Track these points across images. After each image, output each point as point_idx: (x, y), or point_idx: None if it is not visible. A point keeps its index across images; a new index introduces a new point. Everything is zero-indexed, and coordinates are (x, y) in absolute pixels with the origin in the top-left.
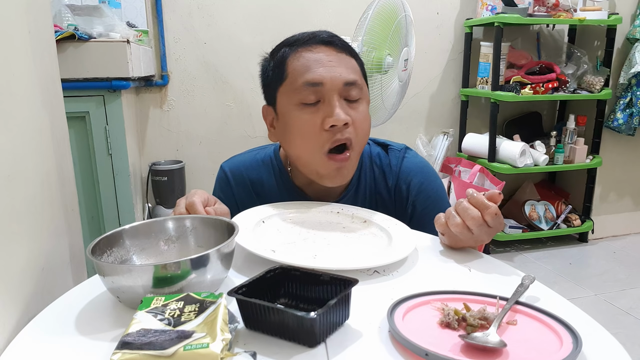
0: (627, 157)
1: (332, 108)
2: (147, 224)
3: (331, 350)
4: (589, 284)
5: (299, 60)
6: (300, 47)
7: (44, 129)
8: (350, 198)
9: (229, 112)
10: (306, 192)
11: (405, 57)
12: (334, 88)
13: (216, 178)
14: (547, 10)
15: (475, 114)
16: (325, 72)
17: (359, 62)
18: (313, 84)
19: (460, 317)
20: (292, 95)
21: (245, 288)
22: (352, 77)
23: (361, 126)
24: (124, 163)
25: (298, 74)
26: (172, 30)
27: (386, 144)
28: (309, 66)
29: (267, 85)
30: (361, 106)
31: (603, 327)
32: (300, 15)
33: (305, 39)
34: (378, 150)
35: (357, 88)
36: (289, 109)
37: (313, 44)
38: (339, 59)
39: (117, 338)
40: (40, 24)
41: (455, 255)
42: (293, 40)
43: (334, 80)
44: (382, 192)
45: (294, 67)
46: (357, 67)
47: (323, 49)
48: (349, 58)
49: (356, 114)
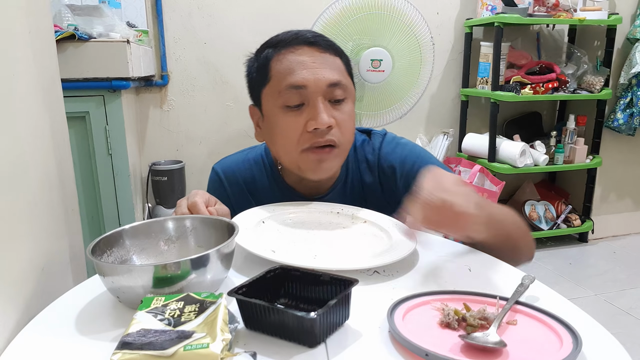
0: (627, 157)
1: (316, 111)
2: (147, 224)
3: (331, 350)
4: (589, 284)
5: (282, 62)
6: (284, 48)
7: (44, 129)
8: (339, 191)
9: (229, 112)
10: (297, 189)
11: (378, 58)
12: (317, 90)
13: (209, 180)
14: (547, 10)
15: (475, 114)
16: (309, 74)
17: (344, 60)
18: (296, 87)
19: (460, 317)
20: (276, 97)
21: (245, 288)
22: (336, 78)
23: (346, 126)
24: (124, 163)
25: (281, 77)
26: (172, 30)
27: (369, 130)
28: (292, 68)
29: (252, 86)
30: (346, 106)
31: (603, 327)
32: (300, 15)
33: (288, 39)
34: (363, 138)
35: (342, 88)
36: (273, 111)
37: (296, 44)
38: (323, 60)
39: (117, 338)
40: (40, 24)
41: (455, 255)
42: (277, 40)
43: (318, 82)
44: (369, 181)
45: (277, 69)
46: (342, 66)
47: (306, 50)
48: (333, 57)
49: (340, 114)
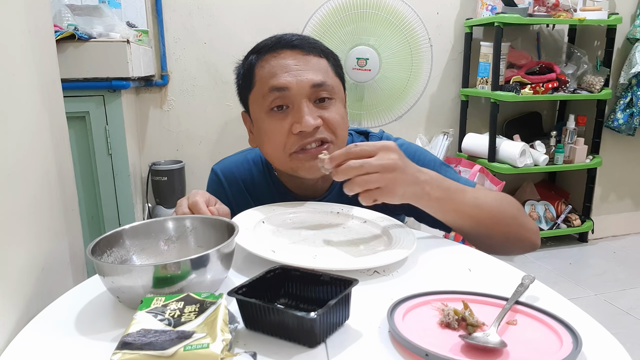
0: (627, 157)
1: (301, 114)
2: (147, 224)
3: (331, 350)
4: (589, 284)
5: (265, 67)
6: (267, 53)
7: (44, 129)
8: (336, 193)
9: (229, 112)
10: (294, 190)
11: (364, 57)
12: (301, 92)
13: (208, 181)
14: (547, 10)
15: (475, 114)
16: (291, 77)
17: (331, 60)
18: (279, 89)
19: (460, 317)
20: (261, 102)
21: (245, 288)
22: (319, 79)
23: (336, 124)
24: (124, 163)
25: (265, 81)
26: (172, 30)
27: (367, 131)
28: (274, 72)
29: (240, 93)
30: (333, 106)
31: (603, 327)
32: (300, 15)
33: (270, 44)
34: (361, 139)
35: (326, 89)
36: (260, 116)
37: (278, 48)
38: (306, 62)
39: (117, 338)
40: (40, 24)
41: (455, 255)
42: (260, 46)
43: (300, 84)
44: None
45: (260, 75)
46: (328, 67)
47: (289, 53)
48: (317, 59)
49: (328, 112)
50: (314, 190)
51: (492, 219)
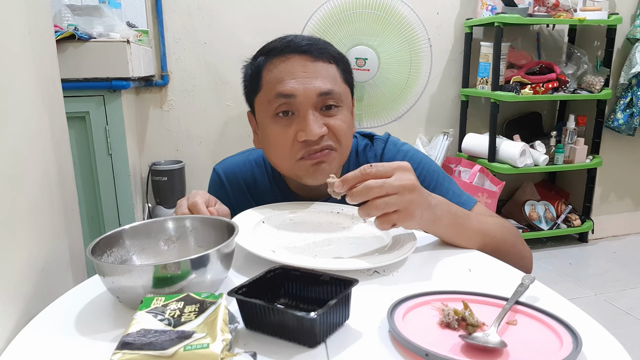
0: (627, 157)
1: (306, 122)
2: (147, 224)
3: (331, 350)
4: (589, 284)
5: (272, 71)
6: (275, 56)
7: (44, 129)
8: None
9: (229, 112)
10: (297, 192)
11: (363, 56)
12: (307, 101)
13: (210, 181)
14: (547, 10)
15: (475, 114)
16: (298, 84)
17: (341, 66)
18: (285, 96)
19: (460, 317)
20: (267, 106)
21: (245, 288)
22: (327, 87)
23: (340, 131)
24: (124, 163)
25: (271, 86)
26: (172, 30)
27: (371, 134)
28: (281, 78)
29: (246, 94)
30: (340, 113)
31: (603, 327)
32: (300, 15)
33: (280, 47)
34: (365, 142)
35: (334, 97)
36: (265, 120)
37: (287, 53)
38: (314, 68)
39: (117, 338)
40: (40, 24)
41: (455, 255)
42: (269, 48)
43: (307, 92)
44: None
45: (267, 78)
46: (337, 73)
47: (297, 59)
48: (326, 65)
49: (334, 120)
50: (317, 192)
51: (494, 246)
